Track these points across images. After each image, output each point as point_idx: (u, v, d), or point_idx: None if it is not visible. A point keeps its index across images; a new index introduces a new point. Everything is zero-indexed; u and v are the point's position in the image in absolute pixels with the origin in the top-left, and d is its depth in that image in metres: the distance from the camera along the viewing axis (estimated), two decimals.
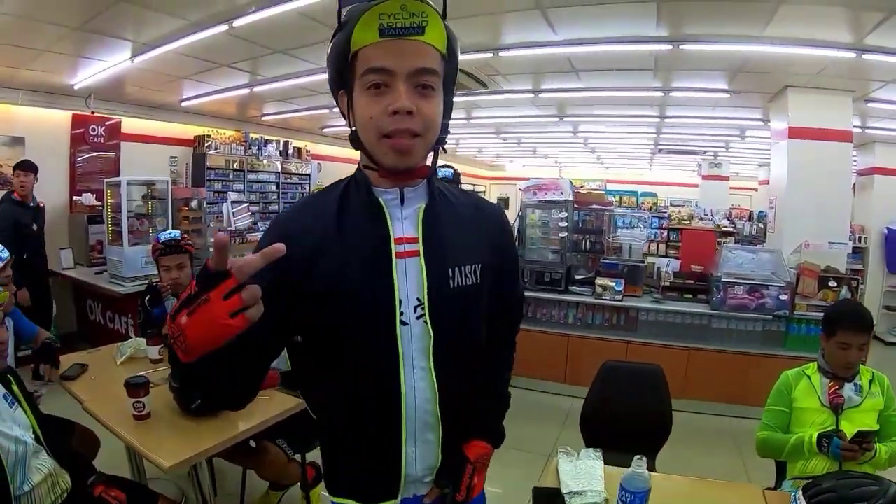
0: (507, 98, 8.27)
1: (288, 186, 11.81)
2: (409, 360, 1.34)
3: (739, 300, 5.45)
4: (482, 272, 1.41)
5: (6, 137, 6.97)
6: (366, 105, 1.23)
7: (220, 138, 10.13)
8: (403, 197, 1.36)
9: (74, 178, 7.88)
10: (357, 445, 1.43)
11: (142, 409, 2.60)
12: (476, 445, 1.54)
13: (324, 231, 1.34)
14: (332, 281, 1.31)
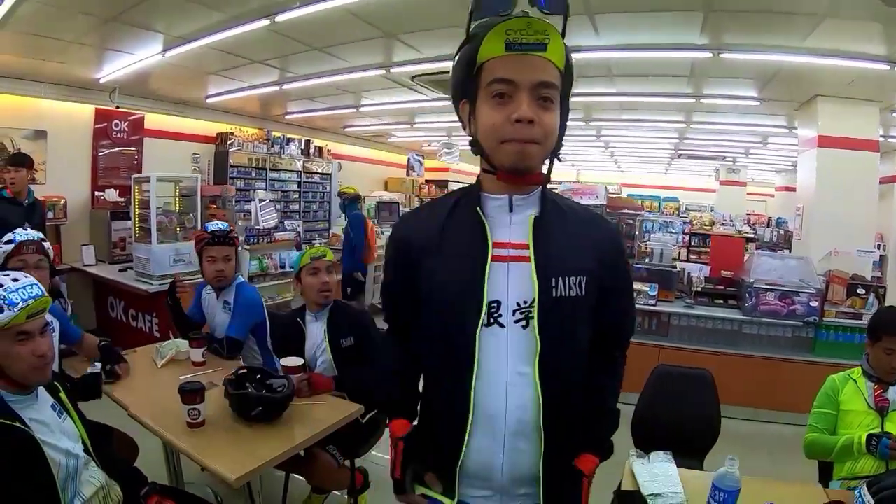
0: None
1: (309, 185, 11.74)
2: (501, 362, 1.39)
3: (771, 306, 5.39)
4: (587, 285, 1.42)
5: (28, 131, 6.87)
6: (489, 113, 1.32)
7: (243, 136, 10.06)
8: (512, 204, 1.42)
9: (96, 174, 7.81)
10: (426, 437, 1.56)
11: (197, 416, 2.46)
12: (587, 459, 1.53)
13: (430, 234, 1.47)
14: (430, 280, 1.45)
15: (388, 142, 14.19)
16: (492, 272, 1.38)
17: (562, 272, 1.39)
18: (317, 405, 2.81)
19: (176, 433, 2.44)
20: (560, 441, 1.43)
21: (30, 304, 1.87)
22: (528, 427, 1.40)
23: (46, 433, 1.95)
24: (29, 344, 1.89)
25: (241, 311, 3.53)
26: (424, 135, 12.90)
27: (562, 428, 1.42)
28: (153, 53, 5.96)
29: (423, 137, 13.43)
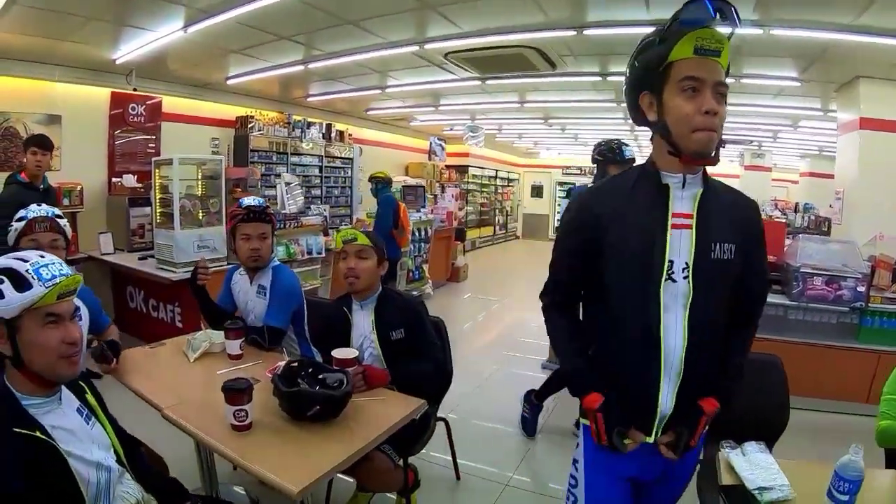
0: (568, 81, 7.91)
1: (331, 170, 11.51)
2: (672, 311, 1.66)
3: (818, 291, 5.19)
4: (735, 251, 1.68)
5: (42, 115, 6.64)
6: (681, 105, 1.58)
7: (263, 120, 9.82)
8: (685, 181, 1.67)
9: (113, 159, 7.60)
10: (620, 382, 1.75)
11: (244, 417, 2.15)
12: (710, 402, 1.73)
13: (617, 205, 1.73)
14: (621, 243, 1.69)
15: (410, 126, 13.91)
16: (670, 236, 1.67)
17: (717, 239, 1.67)
18: (375, 401, 2.53)
19: (220, 438, 2.13)
20: (694, 380, 1.69)
21: (61, 282, 1.60)
22: (680, 364, 1.68)
23: (73, 443, 1.66)
24: (59, 329, 1.62)
25: (281, 296, 3.28)
26: (448, 118, 12.54)
27: (697, 369, 1.69)
28: (174, 29, 5.67)
29: (445, 121, 13.07)
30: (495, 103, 10.08)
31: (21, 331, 1.57)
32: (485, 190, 18.50)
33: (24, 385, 1.62)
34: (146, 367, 2.89)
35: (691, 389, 1.70)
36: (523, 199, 21.48)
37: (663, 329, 1.66)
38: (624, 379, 1.75)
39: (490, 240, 18.60)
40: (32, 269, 1.57)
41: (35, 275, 1.56)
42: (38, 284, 1.55)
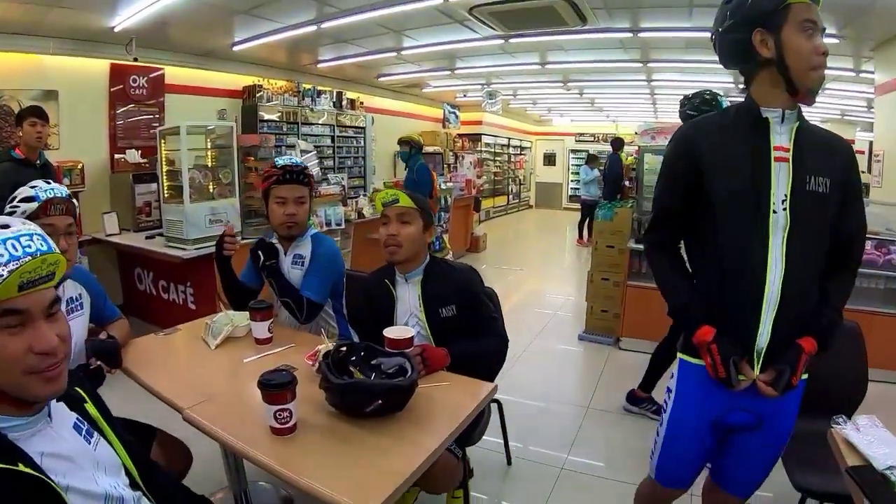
0: (596, 38, 7.46)
1: (343, 140, 11.19)
2: (775, 243, 1.73)
3: (867, 255, 4.86)
4: (831, 186, 1.74)
5: (37, 91, 6.23)
6: (803, 43, 1.67)
7: (272, 89, 9.46)
8: (784, 116, 1.75)
9: (115, 135, 7.21)
10: (721, 314, 1.82)
11: (287, 419, 1.74)
12: (809, 341, 1.77)
13: (719, 139, 1.82)
14: (726, 176, 1.78)
15: (422, 93, 13.51)
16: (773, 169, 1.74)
17: (812, 172, 1.72)
18: (438, 387, 2.13)
19: (260, 445, 1.73)
20: (792, 312, 1.76)
21: (23, 265, 1.08)
22: (777, 297, 1.74)
23: (72, 473, 1.21)
24: (24, 334, 1.12)
25: (321, 266, 2.94)
26: (462, 83, 12.14)
27: (792, 301, 1.74)
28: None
29: (459, 86, 12.69)
30: (515, 65, 9.69)
31: None
32: (498, 158, 18.14)
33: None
34: (160, 357, 2.52)
35: (787, 322, 1.76)
36: (536, 167, 21.10)
37: (770, 258, 1.73)
38: (725, 310, 1.82)
39: (504, 209, 18.32)
40: None
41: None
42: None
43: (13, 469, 1.07)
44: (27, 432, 1.17)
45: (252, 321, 2.61)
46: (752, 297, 1.75)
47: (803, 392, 1.92)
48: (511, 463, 3.51)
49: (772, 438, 1.92)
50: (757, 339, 1.77)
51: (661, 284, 2.02)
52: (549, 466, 3.49)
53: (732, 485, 2.03)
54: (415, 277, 2.62)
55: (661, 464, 2.09)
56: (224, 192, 5.52)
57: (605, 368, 5.07)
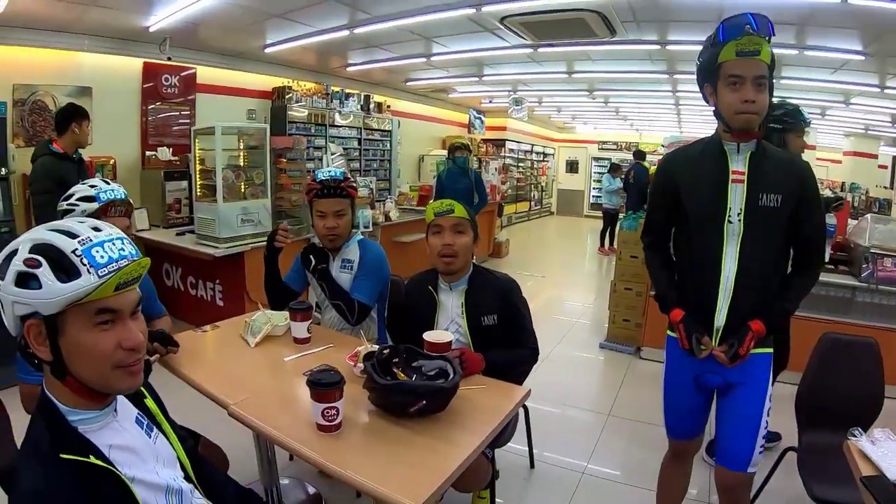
0: (624, 49, 7.47)
1: (370, 143, 11.24)
2: (730, 245, 2.14)
3: (889, 273, 4.87)
4: (782, 201, 2.09)
5: (72, 88, 6.39)
6: (727, 96, 2.05)
7: (301, 90, 9.52)
8: (739, 147, 2.12)
9: (146, 132, 7.36)
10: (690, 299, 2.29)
11: (334, 416, 1.81)
12: (758, 323, 2.14)
13: (690, 166, 2.26)
14: (693, 194, 2.21)
15: (448, 98, 13.47)
16: (730, 189, 2.12)
17: (764, 189, 2.08)
18: (476, 390, 2.18)
19: (306, 441, 1.79)
20: (743, 302, 2.15)
21: (123, 268, 1.16)
22: (731, 289, 2.16)
23: (136, 465, 1.28)
24: (115, 330, 1.19)
25: (371, 271, 3.02)
26: (489, 89, 12.13)
27: (745, 293, 2.14)
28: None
29: (485, 93, 12.66)
30: (542, 73, 9.69)
31: (64, 331, 1.16)
32: (521, 164, 18.09)
33: (72, 398, 1.22)
34: (198, 354, 2.58)
35: (740, 307, 2.15)
36: (558, 174, 20.97)
37: (723, 258, 2.14)
38: (693, 296, 2.27)
39: (525, 215, 18.24)
40: (83, 249, 1.15)
41: (85, 257, 1.14)
42: (88, 272, 1.13)
43: (85, 461, 1.15)
44: (96, 425, 1.25)
45: (292, 321, 2.67)
46: (710, 286, 2.18)
47: (770, 365, 2.25)
48: (534, 467, 3.55)
49: (745, 401, 2.24)
50: (716, 318, 2.19)
51: (652, 277, 2.58)
52: (570, 472, 3.53)
53: (723, 455, 2.27)
54: (460, 286, 2.67)
55: (665, 419, 2.53)
56: (256, 193, 5.58)
57: (625, 377, 5.08)
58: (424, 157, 13.23)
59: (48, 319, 1.14)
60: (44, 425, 1.20)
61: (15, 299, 1.13)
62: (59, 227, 1.20)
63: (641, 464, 3.47)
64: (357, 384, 2.01)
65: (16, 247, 1.16)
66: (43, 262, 1.12)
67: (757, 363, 2.23)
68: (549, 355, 5.53)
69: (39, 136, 5.95)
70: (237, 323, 2.91)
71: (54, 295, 1.11)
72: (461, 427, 1.88)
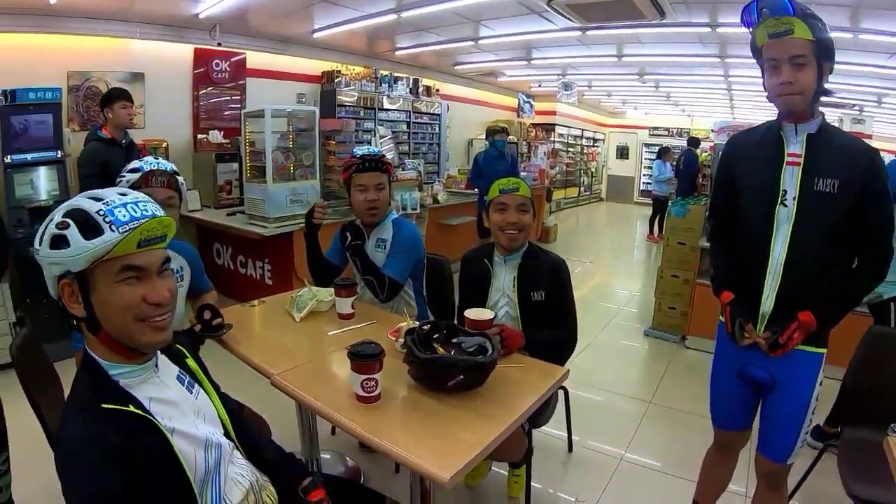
0: (674, 32, 7.33)
1: (418, 126, 11.25)
2: (781, 229, 2.08)
3: None
4: (839, 187, 1.99)
5: (125, 73, 6.54)
6: (767, 79, 2.03)
7: (350, 74, 9.57)
8: (797, 129, 2.06)
9: (198, 116, 7.51)
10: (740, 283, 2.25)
11: (373, 388, 1.85)
12: (808, 314, 2.05)
13: (749, 148, 2.23)
14: (750, 176, 2.19)
15: (497, 82, 13.38)
16: (784, 171, 2.07)
17: (820, 174, 2.01)
18: (515, 368, 2.19)
19: (345, 411, 1.83)
20: (792, 290, 2.09)
21: (144, 224, 1.25)
22: (779, 275, 2.10)
23: (177, 417, 1.35)
24: (140, 286, 1.27)
25: (403, 248, 3.04)
26: (538, 73, 12.02)
27: (793, 281, 2.08)
28: None
29: (534, 76, 12.57)
30: (591, 56, 9.55)
31: (94, 288, 1.25)
32: (570, 149, 17.90)
33: (108, 353, 1.30)
34: (245, 327, 2.63)
35: (788, 297, 2.09)
36: (608, 160, 20.69)
37: (773, 241, 2.09)
38: (740, 280, 2.23)
39: (575, 201, 18.10)
40: (106, 209, 1.24)
41: (108, 216, 1.23)
42: (109, 229, 1.21)
43: (125, 409, 1.23)
44: (137, 379, 1.33)
45: (337, 297, 2.72)
46: (757, 270, 2.13)
47: (821, 367, 2.16)
48: (572, 451, 3.56)
49: (790, 401, 2.17)
50: (762, 304, 2.14)
51: (713, 263, 2.64)
52: (608, 457, 3.52)
53: (763, 445, 2.25)
54: (514, 260, 2.72)
55: (711, 406, 2.50)
56: (305, 174, 5.67)
57: (669, 366, 5.03)
58: (473, 140, 13.18)
59: (80, 278, 1.23)
60: (87, 379, 1.29)
61: (50, 260, 1.24)
62: (90, 193, 1.29)
63: (680, 454, 3.47)
64: (398, 358, 2.04)
65: (53, 215, 1.26)
66: (71, 224, 1.21)
67: (805, 363, 2.14)
68: (592, 341, 5.53)
69: (93, 120, 6.10)
70: (283, 298, 2.98)
71: (80, 251, 1.21)
72: (498, 403, 1.89)
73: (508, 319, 2.67)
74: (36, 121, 5.00)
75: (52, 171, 5.06)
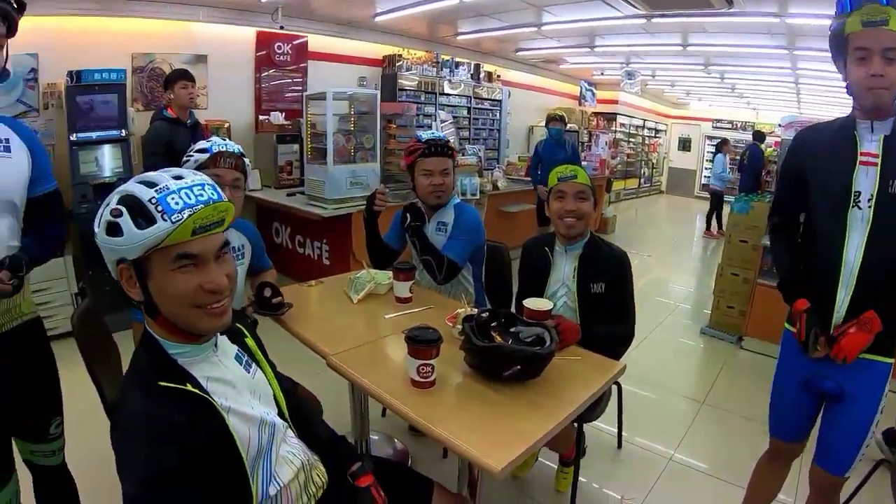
0: (742, 22, 7.10)
1: (479, 112, 11.16)
2: (856, 232, 1.97)
3: None
4: None
5: (188, 55, 6.68)
6: (854, 70, 1.90)
7: (411, 59, 9.56)
8: (873, 127, 1.96)
9: (260, 97, 7.62)
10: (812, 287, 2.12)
11: (429, 373, 1.86)
12: (875, 317, 1.93)
13: (821, 144, 2.11)
14: (820, 174, 2.08)
15: (559, 69, 13.23)
16: (857, 172, 1.95)
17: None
18: (570, 360, 2.17)
19: (399, 395, 1.85)
20: (863, 295, 1.97)
21: (198, 211, 1.23)
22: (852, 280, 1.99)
23: (232, 397, 1.37)
24: (196, 273, 1.27)
25: (464, 232, 3.04)
26: (600, 61, 11.85)
27: (868, 286, 1.97)
28: None
29: (597, 64, 12.40)
30: (655, 45, 9.37)
31: (150, 274, 1.25)
32: (632, 140, 17.63)
33: (167, 334, 1.32)
34: (302, 306, 2.67)
35: (863, 306, 1.96)
36: (670, 151, 20.29)
37: (846, 245, 1.98)
38: (812, 286, 2.11)
39: (634, 192, 17.82)
40: (158, 196, 1.21)
41: (160, 205, 1.20)
42: (161, 219, 1.20)
43: (182, 388, 1.26)
44: (195, 358, 1.35)
45: (395, 280, 2.74)
46: (831, 277, 2.02)
47: (888, 378, 2.06)
48: (621, 447, 3.51)
49: (856, 413, 2.07)
50: (835, 312, 2.03)
51: (775, 262, 2.46)
52: (656, 456, 3.47)
53: (822, 456, 2.16)
54: (575, 250, 2.68)
55: (770, 415, 2.39)
56: (366, 157, 5.72)
57: (724, 366, 4.91)
58: (534, 127, 13.03)
59: (136, 264, 1.24)
60: (145, 356, 1.32)
61: (106, 246, 1.24)
62: (145, 178, 1.28)
63: (731, 458, 3.39)
64: (454, 344, 2.04)
65: (110, 199, 1.26)
66: (124, 212, 1.20)
67: (874, 373, 2.04)
68: (648, 337, 5.44)
69: (157, 100, 6.28)
70: (342, 279, 3.03)
71: (133, 241, 1.20)
72: (552, 396, 1.88)
73: (567, 310, 2.65)
74: (101, 101, 5.19)
75: (116, 150, 5.27)
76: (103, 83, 5.16)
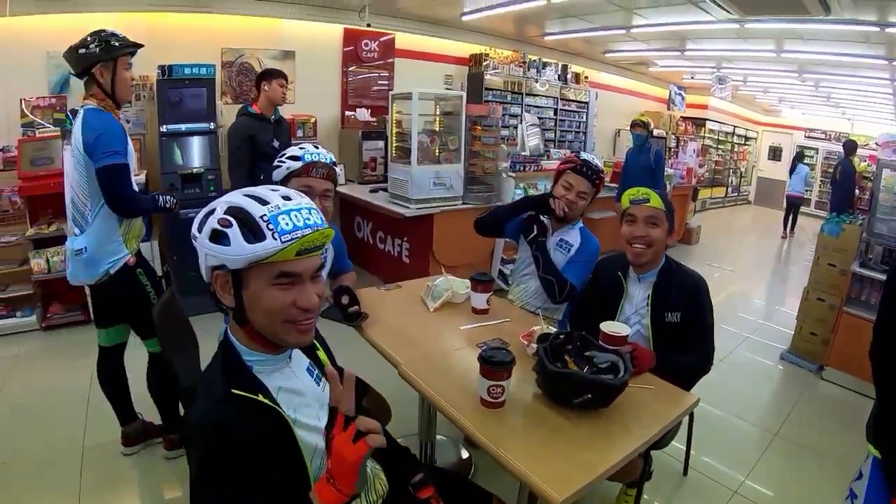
0: (839, 30, 6.88)
1: (566, 114, 11.08)
2: None
3: None
4: None
5: (276, 51, 6.95)
6: None
7: (498, 58, 9.54)
8: None
9: (346, 93, 7.81)
10: None
11: (499, 394, 1.87)
12: None
13: None
14: None
15: (647, 72, 12.99)
16: None
17: None
18: (644, 390, 2.13)
19: (466, 412, 1.87)
20: None
21: (306, 237, 1.27)
22: None
23: (301, 408, 1.42)
24: (292, 290, 1.32)
25: (587, 259, 3.02)
26: (690, 65, 11.56)
27: None
28: None
29: (687, 68, 12.07)
30: (748, 51, 9.10)
31: (247, 284, 1.30)
32: (720, 147, 17.10)
33: (249, 341, 1.38)
34: (379, 312, 2.71)
35: None
36: (759, 160, 19.58)
37: None
38: None
39: (720, 202, 17.29)
40: (270, 215, 1.27)
41: (272, 223, 1.25)
42: (272, 237, 1.25)
43: (254, 398, 1.31)
44: (269, 368, 1.40)
45: (473, 291, 2.76)
46: None
47: None
48: (687, 474, 3.39)
49: None
50: None
51: None
52: (722, 487, 3.32)
53: None
54: (649, 278, 2.61)
55: None
56: (450, 158, 5.72)
57: (802, 397, 4.67)
58: (620, 131, 12.80)
59: (234, 273, 1.29)
60: (222, 361, 1.38)
61: (208, 252, 1.29)
62: (254, 193, 1.33)
63: (801, 495, 3.25)
64: (527, 363, 2.05)
65: (214, 206, 1.32)
66: (234, 223, 1.26)
67: None
68: (725, 357, 5.26)
69: (246, 94, 6.57)
70: (419, 285, 3.06)
71: (240, 253, 1.25)
72: (622, 426, 1.86)
73: (639, 339, 2.57)
74: (191, 94, 5.47)
75: (204, 141, 5.53)
76: (193, 77, 5.44)
